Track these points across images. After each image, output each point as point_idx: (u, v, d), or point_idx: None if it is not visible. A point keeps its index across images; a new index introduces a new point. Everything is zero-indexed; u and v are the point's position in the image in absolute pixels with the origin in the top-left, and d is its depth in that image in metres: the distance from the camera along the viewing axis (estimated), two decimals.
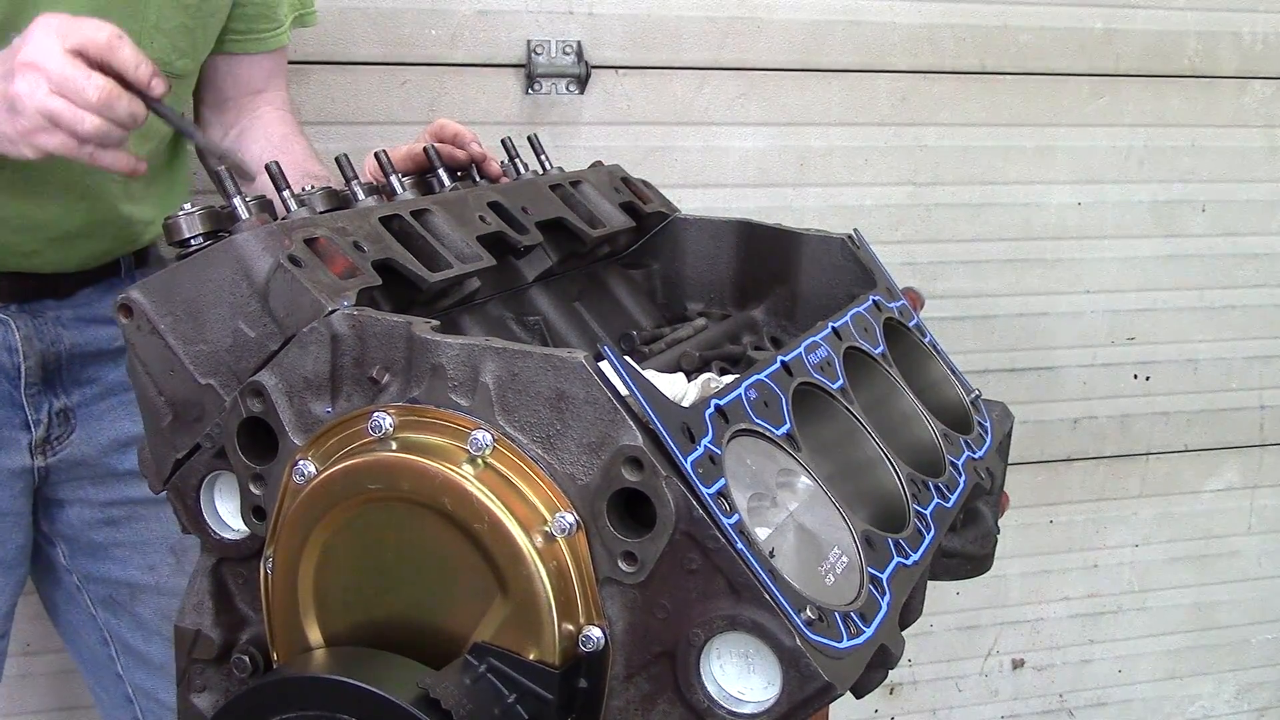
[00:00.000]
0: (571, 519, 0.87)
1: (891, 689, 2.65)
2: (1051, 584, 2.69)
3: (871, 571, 0.96)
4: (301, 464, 0.95)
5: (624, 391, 0.87)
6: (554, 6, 2.07)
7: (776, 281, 1.45)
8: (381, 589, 0.93)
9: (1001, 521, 1.35)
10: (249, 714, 0.91)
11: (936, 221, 2.37)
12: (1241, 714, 2.94)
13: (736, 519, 0.86)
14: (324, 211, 1.11)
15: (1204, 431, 2.67)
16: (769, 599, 0.84)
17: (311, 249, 1.01)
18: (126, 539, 1.62)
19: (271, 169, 1.12)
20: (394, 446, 0.91)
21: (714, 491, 0.86)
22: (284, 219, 1.07)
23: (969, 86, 2.32)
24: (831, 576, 0.93)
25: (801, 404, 1.05)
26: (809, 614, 0.85)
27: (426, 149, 1.32)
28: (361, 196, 1.17)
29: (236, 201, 1.06)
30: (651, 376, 0.94)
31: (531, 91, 2.08)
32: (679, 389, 1.09)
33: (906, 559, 1.02)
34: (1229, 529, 2.77)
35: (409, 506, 0.90)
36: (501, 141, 1.46)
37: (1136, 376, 2.59)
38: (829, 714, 1.27)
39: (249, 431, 0.99)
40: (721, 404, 0.94)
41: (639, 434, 0.85)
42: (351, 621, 0.95)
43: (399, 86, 2.03)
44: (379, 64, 2.01)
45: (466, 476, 0.88)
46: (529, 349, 0.89)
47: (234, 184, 1.06)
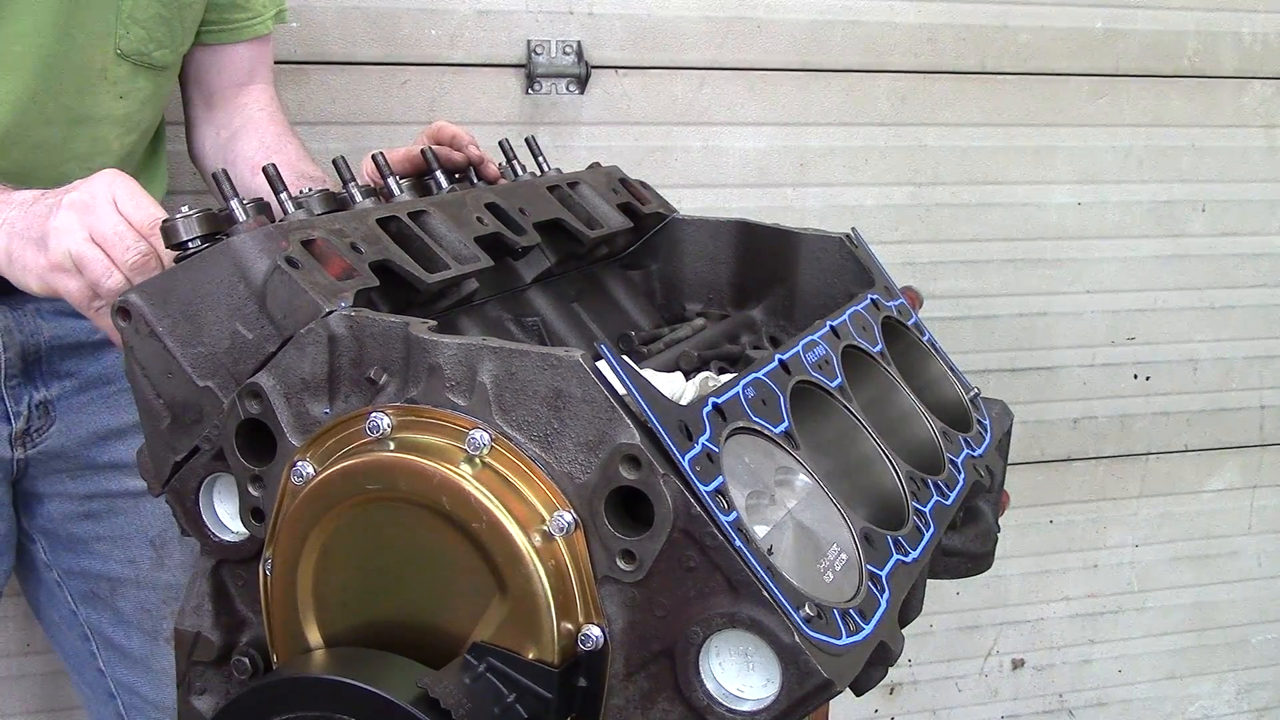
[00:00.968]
0: (569, 518, 0.87)
1: (891, 689, 2.65)
2: (1051, 584, 2.69)
3: (870, 569, 0.96)
4: (300, 465, 0.95)
5: (621, 390, 0.87)
6: (554, 6, 2.07)
7: (775, 281, 1.45)
8: (380, 589, 0.93)
9: (1001, 521, 1.35)
10: (249, 715, 0.91)
11: (936, 221, 2.37)
12: (1241, 714, 2.94)
13: (735, 516, 0.86)
14: (321, 214, 1.11)
15: (1204, 431, 2.66)
16: (767, 596, 0.84)
17: (309, 250, 1.01)
18: (106, 532, 1.63)
19: (268, 171, 1.12)
20: (392, 447, 0.91)
21: (712, 489, 0.86)
22: (281, 221, 1.07)
23: (969, 86, 2.32)
24: (830, 574, 0.93)
25: (800, 402, 1.05)
26: (808, 611, 0.85)
27: (424, 151, 1.31)
28: (359, 199, 1.17)
29: (234, 204, 1.06)
30: (649, 375, 0.94)
31: (531, 91, 2.08)
32: (676, 388, 1.08)
33: (906, 556, 1.02)
34: (1229, 529, 2.77)
35: (407, 506, 0.90)
36: (499, 143, 1.46)
37: (1136, 376, 2.58)
38: (829, 712, 1.27)
39: (247, 433, 0.99)
40: (719, 402, 0.94)
41: (636, 432, 0.85)
42: (351, 622, 0.95)
43: (399, 87, 2.03)
44: (379, 64, 2.02)
45: (464, 476, 0.88)
46: (526, 348, 0.89)
47: (230, 186, 1.06)
